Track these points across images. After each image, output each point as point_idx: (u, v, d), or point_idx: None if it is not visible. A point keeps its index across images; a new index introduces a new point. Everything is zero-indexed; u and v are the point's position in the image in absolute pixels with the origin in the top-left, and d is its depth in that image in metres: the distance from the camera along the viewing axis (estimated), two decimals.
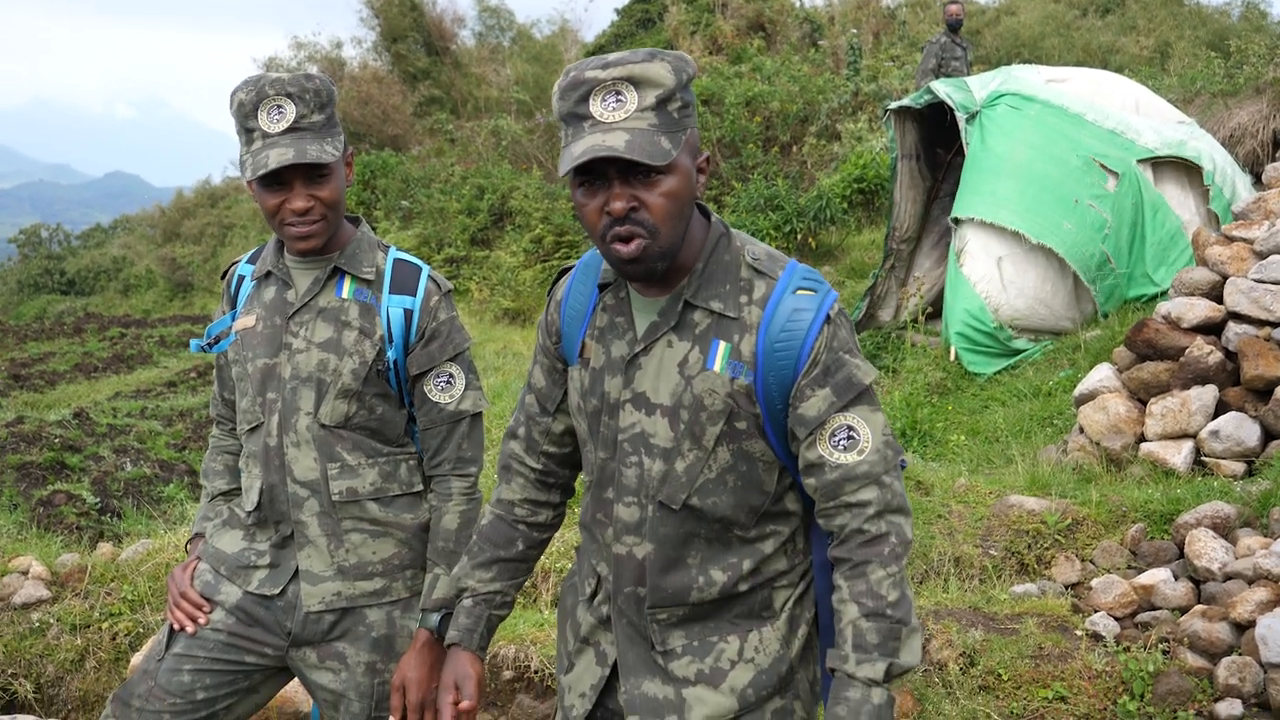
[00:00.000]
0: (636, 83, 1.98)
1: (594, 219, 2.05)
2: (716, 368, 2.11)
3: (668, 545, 2.18)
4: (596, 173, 2.01)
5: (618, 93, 1.98)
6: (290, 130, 2.56)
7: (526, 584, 5.47)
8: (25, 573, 5.37)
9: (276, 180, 2.59)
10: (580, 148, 1.97)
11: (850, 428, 2.08)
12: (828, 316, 2.10)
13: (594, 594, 2.34)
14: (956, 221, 9.32)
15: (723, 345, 2.11)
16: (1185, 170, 9.51)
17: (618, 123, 1.97)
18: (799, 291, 2.12)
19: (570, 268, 2.38)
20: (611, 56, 2.02)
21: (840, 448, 2.08)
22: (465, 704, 2.37)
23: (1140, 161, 9.27)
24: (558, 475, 2.48)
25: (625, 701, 2.26)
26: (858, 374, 2.09)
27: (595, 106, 1.99)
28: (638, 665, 2.25)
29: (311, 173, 2.60)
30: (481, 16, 31.88)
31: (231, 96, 2.62)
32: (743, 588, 2.21)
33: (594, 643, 2.35)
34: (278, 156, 2.52)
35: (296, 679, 2.88)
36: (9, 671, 4.95)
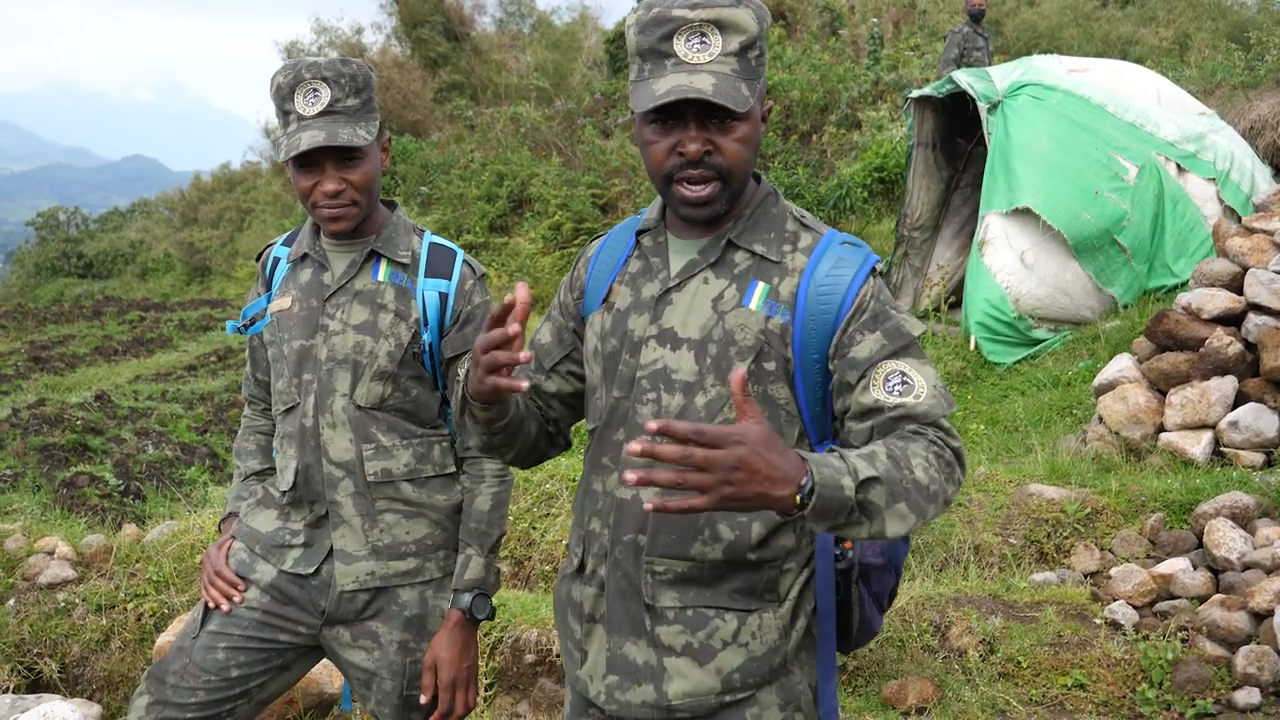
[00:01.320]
0: (723, 26, 1.97)
1: (662, 158, 2.03)
2: (752, 305, 2.07)
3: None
4: (674, 113, 2.00)
5: (703, 34, 1.96)
6: (324, 113, 2.61)
7: (548, 569, 5.52)
8: (51, 553, 5.43)
9: (309, 162, 2.64)
10: (664, 86, 1.96)
11: (903, 373, 2.00)
12: (873, 269, 2.08)
13: (582, 564, 2.23)
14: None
15: (761, 285, 2.09)
16: None
17: (702, 65, 1.96)
18: (844, 244, 2.11)
19: (602, 234, 2.36)
20: None
21: (896, 393, 1.99)
22: None
23: (1160, 154, 9.27)
24: None
25: (607, 659, 2.17)
26: (906, 325, 2.05)
27: (679, 45, 1.97)
28: (623, 623, 2.15)
29: (343, 156, 2.64)
30: (502, 3, 31.93)
31: (272, 80, 2.67)
32: (751, 557, 2.10)
33: (599, 617, 2.21)
34: (309, 139, 2.56)
35: (326, 659, 2.92)
36: (35, 651, 5.00)
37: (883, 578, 2.24)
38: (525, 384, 1.95)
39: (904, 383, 1.99)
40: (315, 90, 2.61)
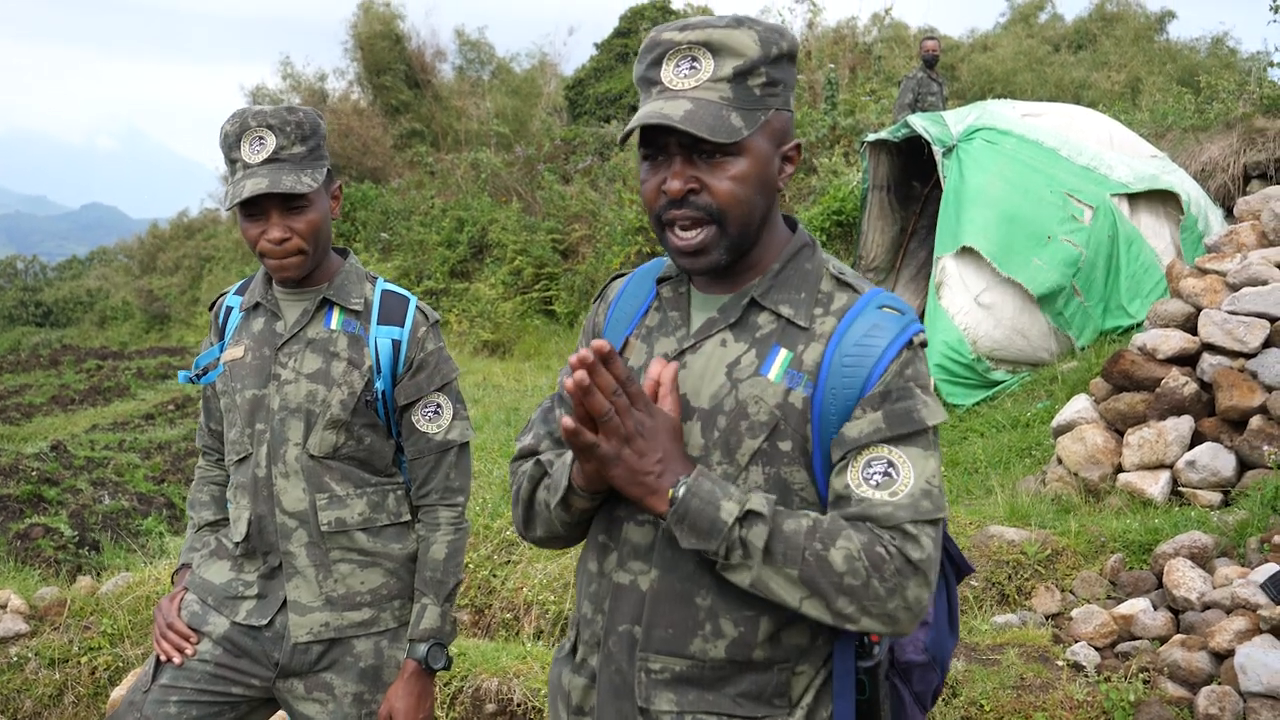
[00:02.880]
0: (714, 49, 1.76)
1: (650, 197, 1.83)
2: (771, 375, 1.83)
3: (676, 575, 1.86)
4: (660, 146, 1.80)
5: (692, 58, 1.77)
6: (269, 161, 2.60)
7: (508, 617, 5.47)
8: (4, 606, 5.34)
9: (254, 210, 2.63)
10: (638, 114, 1.77)
11: (890, 464, 1.76)
12: (910, 341, 1.82)
13: (574, 648, 2.03)
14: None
15: (783, 352, 1.84)
16: (1160, 202, 9.62)
17: (685, 91, 1.76)
18: (884, 309, 1.85)
19: (625, 273, 2.14)
20: (695, 19, 1.80)
21: (872, 483, 1.76)
22: None
23: (1115, 195, 9.38)
24: None
25: None
26: (922, 411, 1.79)
27: (666, 71, 1.78)
28: None
29: (288, 203, 2.63)
30: (462, 50, 31.99)
31: (221, 128, 2.65)
32: (757, 656, 1.86)
33: (589, 710, 1.99)
34: (252, 186, 2.55)
35: (280, 712, 2.87)
36: None
37: (925, 675, 2.05)
38: None
39: (886, 474, 1.76)
40: (261, 138, 2.60)
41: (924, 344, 1.86)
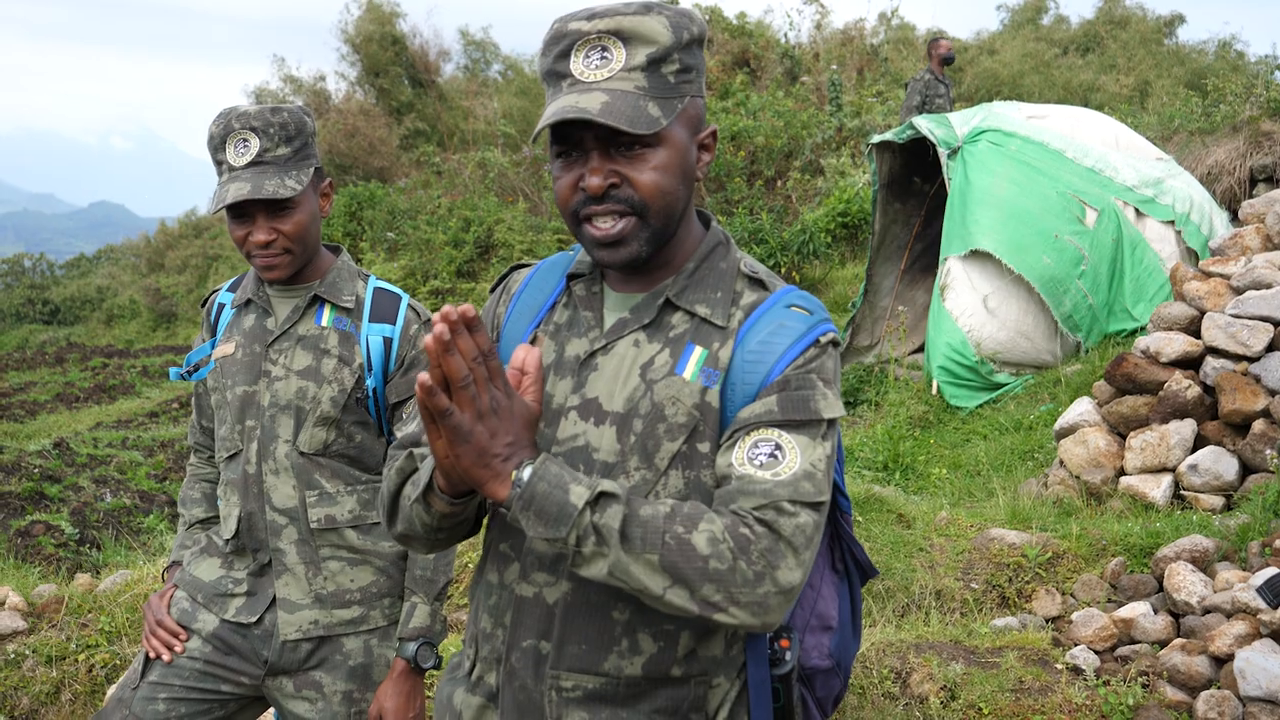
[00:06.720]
0: (625, 38, 1.69)
1: (566, 195, 1.75)
2: (686, 374, 1.76)
3: (590, 587, 1.76)
4: (574, 141, 1.72)
5: (603, 48, 1.69)
6: (254, 164, 2.59)
7: None
8: (1, 603, 5.33)
9: (240, 212, 2.63)
10: (551, 109, 1.68)
11: (778, 446, 1.67)
12: (816, 340, 1.76)
13: (473, 667, 1.92)
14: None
15: (698, 350, 1.77)
16: None
17: (598, 83, 1.68)
18: (792, 308, 1.79)
19: (526, 264, 2.06)
20: (600, 6, 1.72)
21: (755, 463, 1.66)
22: None
23: (1119, 199, 9.35)
24: None
25: None
26: (819, 402, 1.70)
27: (576, 64, 1.70)
28: None
29: (273, 206, 2.62)
30: (467, 50, 32.01)
31: (208, 129, 2.65)
32: (675, 672, 1.79)
33: None
34: (235, 191, 2.55)
35: (270, 709, 2.87)
36: None
37: (829, 682, 2.03)
38: None
39: (772, 455, 1.66)
40: (245, 140, 2.59)
41: (835, 343, 1.79)
